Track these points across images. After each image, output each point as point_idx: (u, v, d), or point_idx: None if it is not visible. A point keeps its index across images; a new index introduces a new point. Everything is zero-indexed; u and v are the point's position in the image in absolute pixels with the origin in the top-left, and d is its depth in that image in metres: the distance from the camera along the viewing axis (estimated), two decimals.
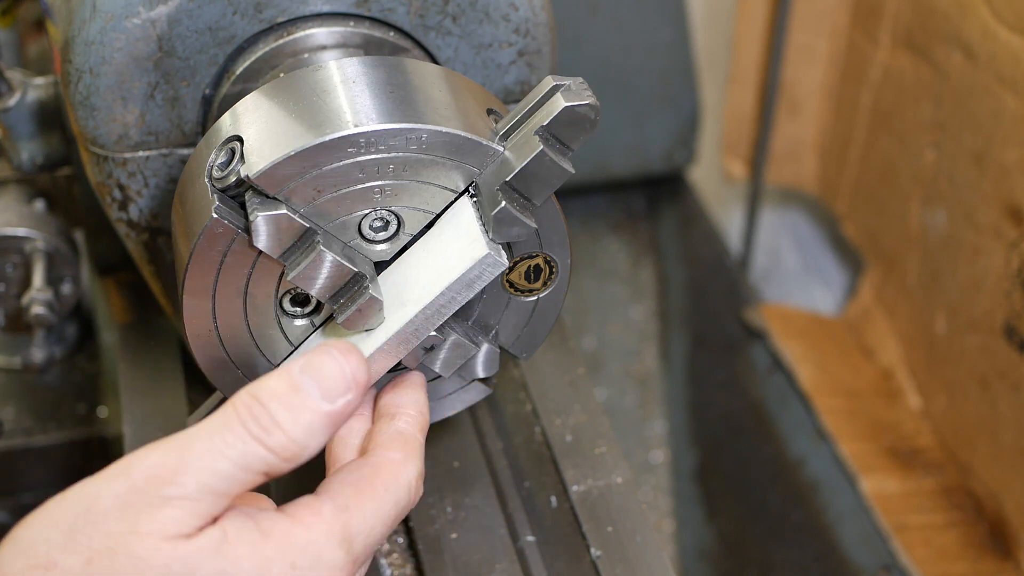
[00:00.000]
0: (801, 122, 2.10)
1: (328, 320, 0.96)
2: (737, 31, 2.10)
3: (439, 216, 0.92)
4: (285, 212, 0.86)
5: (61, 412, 1.48)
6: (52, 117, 1.20)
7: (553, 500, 1.14)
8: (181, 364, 1.26)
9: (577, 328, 2.24)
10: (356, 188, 0.88)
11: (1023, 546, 1.66)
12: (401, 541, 1.12)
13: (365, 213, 0.90)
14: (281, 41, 1.02)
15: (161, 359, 1.27)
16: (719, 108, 2.24)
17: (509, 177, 0.88)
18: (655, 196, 2.29)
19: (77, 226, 1.37)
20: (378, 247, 0.93)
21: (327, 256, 0.88)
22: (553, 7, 1.07)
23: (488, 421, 1.21)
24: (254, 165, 0.86)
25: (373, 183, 0.88)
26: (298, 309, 0.95)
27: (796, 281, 2.36)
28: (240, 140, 0.88)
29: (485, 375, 1.02)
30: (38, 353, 1.31)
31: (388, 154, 0.87)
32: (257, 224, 0.86)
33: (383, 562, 1.10)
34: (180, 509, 0.77)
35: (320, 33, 1.02)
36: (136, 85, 1.00)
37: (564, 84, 0.88)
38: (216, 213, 0.87)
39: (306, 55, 1.02)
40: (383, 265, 0.94)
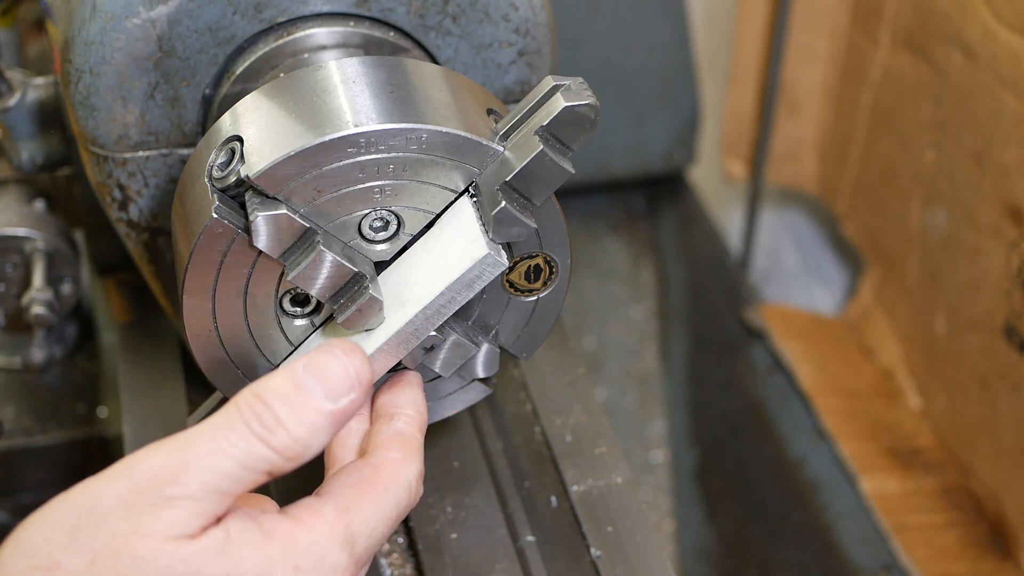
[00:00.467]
0: (801, 122, 2.10)
1: (328, 320, 0.96)
2: (737, 31, 2.10)
3: (439, 216, 0.92)
4: (285, 212, 0.86)
5: (61, 412, 1.48)
6: (52, 117, 1.20)
7: (553, 500, 1.14)
8: (181, 364, 1.26)
9: (577, 328, 2.24)
10: (356, 188, 0.88)
11: (1023, 546, 1.66)
12: (401, 541, 1.12)
13: (365, 213, 0.90)
14: (281, 41, 1.02)
15: (161, 359, 1.27)
16: (719, 108, 2.24)
17: (509, 177, 0.88)
18: (655, 196, 2.29)
19: (77, 226, 1.37)
20: (378, 247, 0.93)
21: (327, 256, 0.88)
22: (553, 7, 1.07)
23: (488, 421, 1.21)
24: (254, 165, 0.86)
25: (373, 183, 0.88)
26: (298, 309, 0.95)
27: (796, 281, 2.36)
28: (240, 140, 0.88)
29: (485, 375, 1.02)
30: (38, 353, 1.31)
31: (388, 154, 0.87)
32: (257, 224, 0.86)
33: (383, 562, 1.10)
34: (183, 509, 0.77)
35: (320, 33, 1.02)
36: (136, 85, 1.00)
37: (564, 84, 0.88)
38: (216, 213, 0.87)
39: (306, 55, 1.02)
40: (383, 265, 0.94)
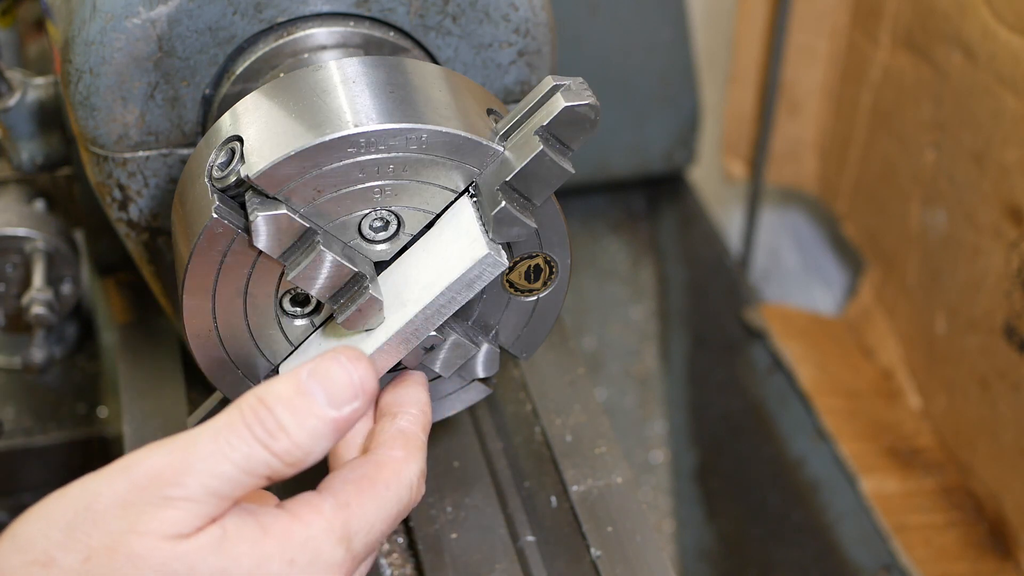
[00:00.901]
0: (801, 122, 2.10)
1: (328, 320, 0.96)
2: (737, 31, 2.10)
3: (439, 216, 0.92)
4: (285, 212, 0.86)
5: (61, 412, 1.48)
6: (52, 117, 1.20)
7: (553, 500, 1.14)
8: (181, 364, 1.26)
9: (577, 328, 2.24)
10: (356, 188, 0.88)
11: (1023, 546, 1.66)
12: (401, 541, 1.12)
13: (365, 213, 0.90)
14: (281, 41, 1.02)
15: (161, 359, 1.27)
16: (719, 108, 2.24)
17: (509, 177, 0.88)
18: (655, 196, 2.29)
19: (77, 226, 1.37)
20: (378, 247, 0.93)
21: (327, 256, 0.88)
22: (553, 7, 1.07)
23: (488, 421, 1.21)
24: (254, 165, 0.86)
25: (373, 183, 0.88)
26: (298, 309, 0.95)
27: (796, 281, 2.36)
28: (240, 140, 0.88)
29: (485, 375, 1.02)
30: (38, 353, 1.31)
31: (388, 154, 0.87)
32: (257, 224, 0.86)
33: (383, 562, 1.10)
34: (181, 510, 0.76)
35: (320, 33, 1.02)
36: (136, 85, 1.00)
37: (564, 84, 0.88)
38: (216, 213, 0.87)
39: (306, 55, 1.02)
40: (383, 265, 0.94)
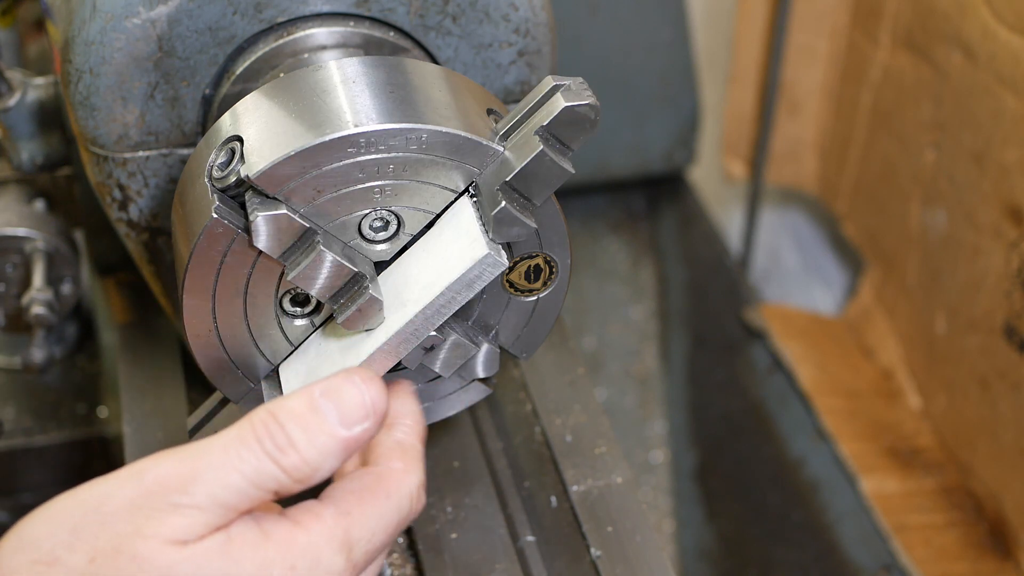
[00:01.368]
0: (801, 122, 2.10)
1: (328, 320, 0.96)
2: (737, 31, 2.10)
3: (439, 216, 0.92)
4: (285, 212, 0.86)
5: (61, 412, 1.48)
6: (52, 117, 1.20)
7: (553, 500, 1.14)
8: (181, 364, 1.26)
9: (577, 328, 2.24)
10: (356, 188, 0.88)
11: (1023, 546, 1.66)
12: (401, 541, 1.12)
13: (365, 213, 0.90)
14: (281, 41, 1.02)
15: (161, 359, 1.27)
16: (719, 108, 2.24)
17: (509, 177, 0.88)
18: (655, 196, 2.29)
19: (77, 226, 1.37)
20: (378, 247, 0.93)
21: (327, 256, 0.88)
22: (553, 7, 1.07)
23: (488, 421, 1.21)
24: (254, 165, 0.86)
25: (373, 183, 0.88)
26: (298, 309, 0.95)
27: (796, 281, 2.36)
28: (240, 140, 0.88)
29: (485, 375, 1.02)
30: (38, 353, 1.31)
31: (388, 154, 0.87)
32: (257, 224, 0.86)
33: (383, 562, 1.10)
34: (188, 517, 0.77)
35: (320, 33, 1.02)
36: (136, 85, 1.00)
37: (564, 84, 0.88)
38: (216, 213, 0.87)
39: (306, 55, 1.02)
40: (383, 265, 0.94)
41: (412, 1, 1.02)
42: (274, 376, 0.97)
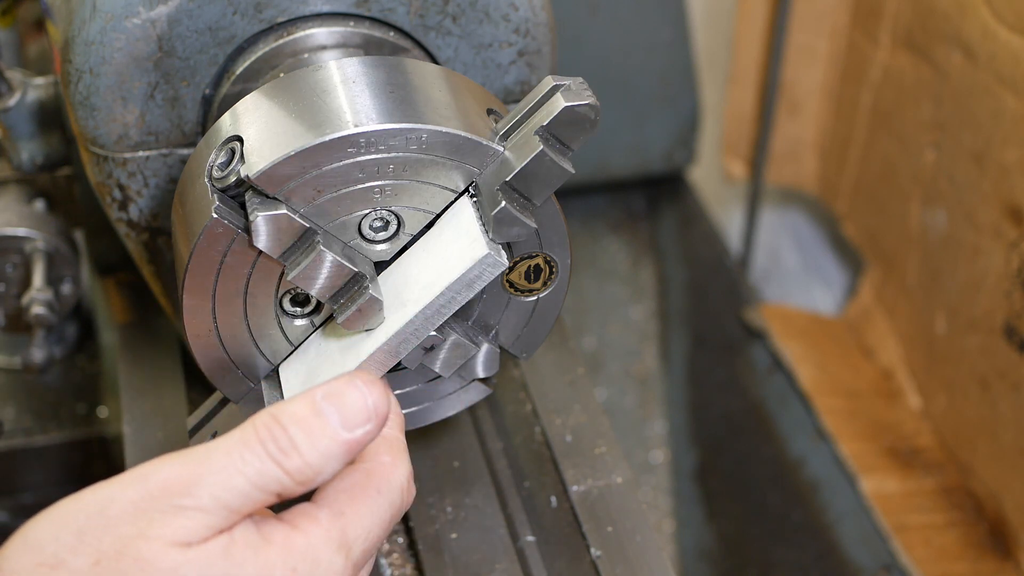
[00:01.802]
0: (801, 122, 2.10)
1: (328, 320, 0.96)
2: (737, 31, 2.10)
3: (439, 216, 0.92)
4: (285, 212, 0.86)
5: (61, 412, 1.48)
6: (52, 117, 1.20)
7: (553, 500, 1.14)
8: (181, 364, 1.26)
9: (577, 328, 2.24)
10: (356, 188, 0.88)
11: (1023, 546, 1.66)
12: (401, 541, 1.12)
13: (365, 213, 0.90)
14: (281, 41, 1.02)
15: (161, 359, 1.27)
16: (719, 108, 2.24)
17: (509, 177, 0.88)
18: (655, 196, 2.29)
19: (77, 226, 1.37)
20: (378, 247, 0.93)
21: (327, 256, 0.88)
22: (553, 7, 1.07)
23: (488, 421, 1.21)
24: (254, 165, 0.86)
25: (373, 183, 0.88)
26: (298, 309, 0.95)
27: (796, 281, 2.36)
28: (240, 140, 0.88)
29: (485, 375, 1.02)
30: (38, 353, 1.31)
31: (388, 154, 0.87)
32: (257, 224, 0.86)
33: (383, 562, 1.10)
34: (191, 520, 0.78)
35: (320, 33, 1.02)
36: (136, 85, 1.00)
37: (564, 84, 0.88)
38: (216, 213, 0.87)
39: (306, 55, 1.02)
40: (383, 265, 0.94)
41: (412, 1, 1.02)
42: (274, 376, 0.97)
